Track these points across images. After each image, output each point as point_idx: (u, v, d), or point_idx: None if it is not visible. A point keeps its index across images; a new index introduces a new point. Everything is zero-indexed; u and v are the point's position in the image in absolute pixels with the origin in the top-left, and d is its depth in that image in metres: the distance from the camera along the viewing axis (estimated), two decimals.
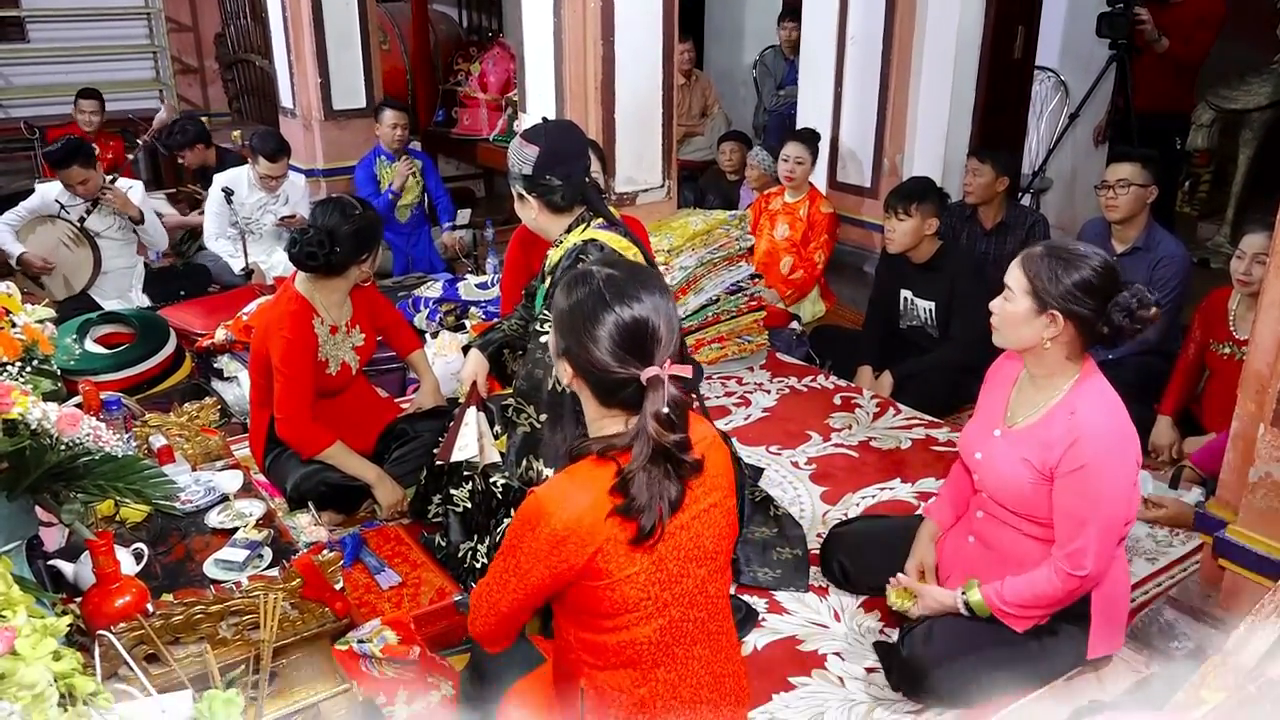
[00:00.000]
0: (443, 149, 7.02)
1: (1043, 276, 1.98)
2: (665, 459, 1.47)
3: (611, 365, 1.47)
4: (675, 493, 1.49)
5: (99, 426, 1.68)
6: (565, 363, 1.54)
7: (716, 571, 1.63)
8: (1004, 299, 2.07)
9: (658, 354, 1.47)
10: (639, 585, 1.51)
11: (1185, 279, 3.45)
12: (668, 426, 1.44)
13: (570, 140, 2.51)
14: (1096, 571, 2.01)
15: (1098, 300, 1.96)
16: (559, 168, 2.42)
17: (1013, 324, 2.05)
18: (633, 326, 1.47)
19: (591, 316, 1.48)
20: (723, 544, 1.62)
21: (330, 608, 1.90)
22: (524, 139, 2.46)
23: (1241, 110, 5.43)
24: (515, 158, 2.45)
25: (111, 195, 4.38)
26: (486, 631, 1.62)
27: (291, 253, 2.72)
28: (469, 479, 2.60)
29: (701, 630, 1.63)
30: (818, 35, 5.00)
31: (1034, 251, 2.04)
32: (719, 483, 1.60)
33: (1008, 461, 2.11)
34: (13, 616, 1.19)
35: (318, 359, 2.79)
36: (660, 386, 1.44)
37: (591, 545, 1.47)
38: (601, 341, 1.47)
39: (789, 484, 3.18)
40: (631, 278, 1.53)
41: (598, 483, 1.48)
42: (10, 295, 1.80)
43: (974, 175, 4.06)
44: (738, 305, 4.09)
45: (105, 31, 8.13)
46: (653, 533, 1.47)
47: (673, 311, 1.52)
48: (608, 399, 1.53)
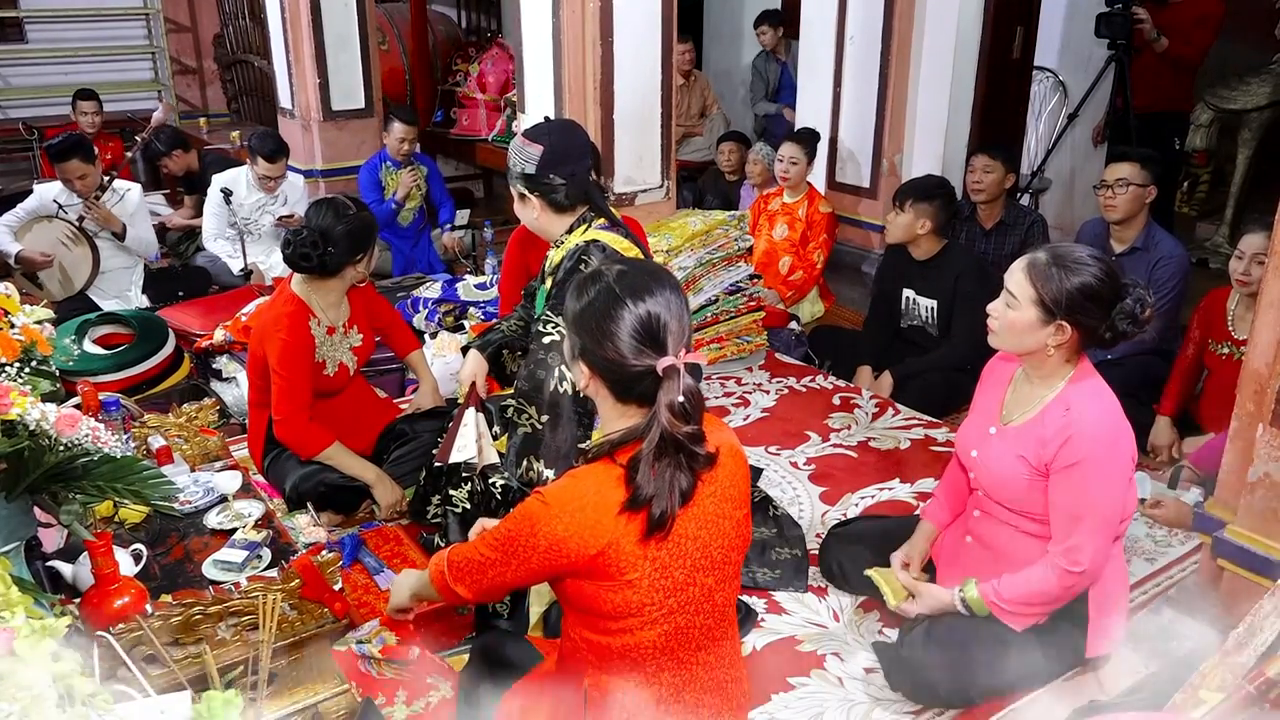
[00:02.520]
0: (441, 149, 7.02)
1: (1051, 287, 1.97)
2: (677, 449, 1.48)
3: (628, 358, 1.48)
4: (686, 484, 1.50)
5: (98, 427, 1.68)
6: (582, 364, 1.56)
7: (724, 581, 1.62)
8: (1006, 305, 2.06)
9: (671, 345, 1.49)
10: (643, 590, 1.51)
11: (1184, 279, 3.45)
12: (681, 417, 1.46)
13: (573, 139, 2.51)
14: (1093, 568, 2.01)
15: (1104, 308, 1.96)
16: (562, 167, 2.41)
17: (1016, 331, 2.04)
18: (647, 320, 1.49)
19: (606, 314, 1.50)
20: (732, 554, 1.61)
21: (329, 608, 1.90)
22: (526, 138, 2.45)
23: (1240, 110, 5.42)
24: (517, 157, 2.44)
25: (96, 211, 4.36)
26: (465, 593, 1.66)
27: (286, 253, 2.72)
28: (468, 480, 2.60)
29: (707, 636, 1.63)
30: (817, 35, 5.00)
31: (1039, 259, 2.01)
32: (732, 493, 1.60)
33: (1003, 459, 2.11)
34: (11, 617, 1.18)
35: (315, 360, 2.79)
36: (676, 376, 1.46)
37: (594, 545, 1.47)
38: (617, 336, 1.48)
39: (788, 484, 3.18)
40: (642, 274, 1.56)
41: (606, 480, 1.49)
42: (9, 296, 1.80)
43: (984, 172, 4.02)
44: (737, 305, 4.10)
45: (104, 32, 8.13)
46: (664, 522, 1.47)
47: (683, 304, 1.54)
48: (625, 395, 1.54)
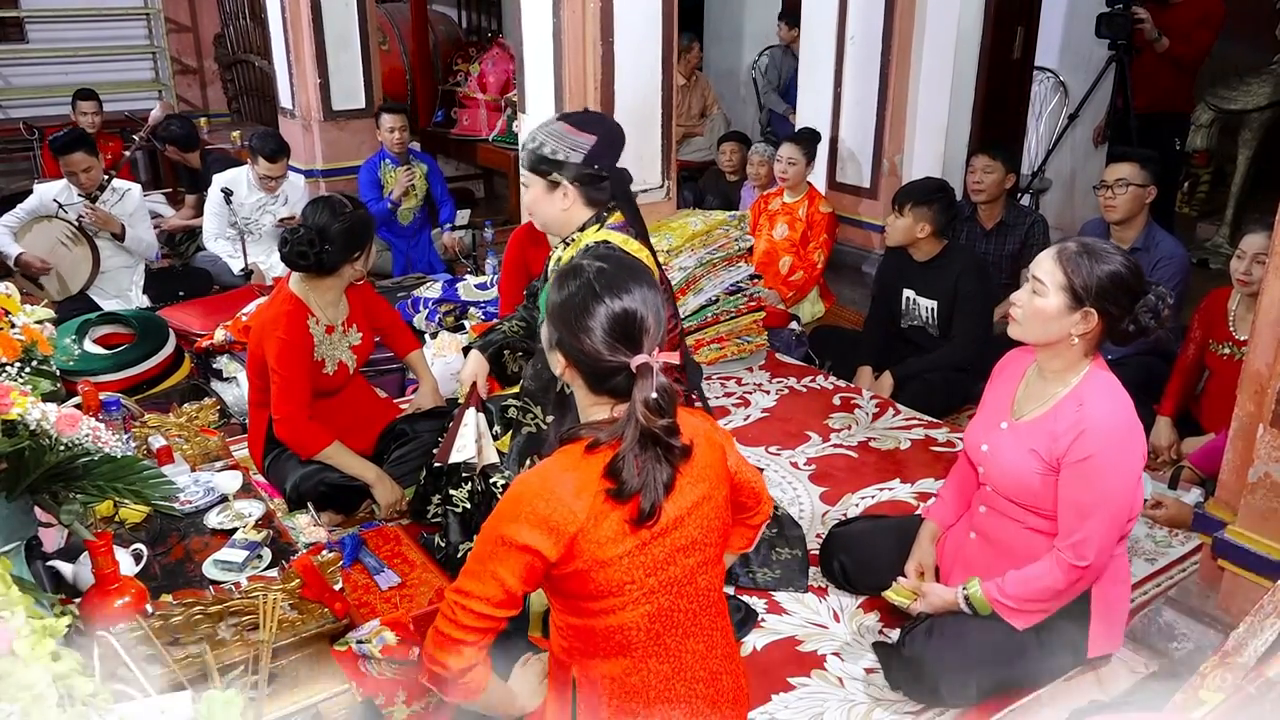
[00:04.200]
0: (442, 149, 7.02)
1: (1082, 273, 1.97)
2: (654, 443, 1.52)
3: (603, 354, 1.52)
4: (667, 476, 1.54)
5: (98, 427, 1.68)
6: (558, 353, 1.60)
7: (706, 563, 1.64)
8: (1033, 292, 2.05)
9: (646, 343, 1.53)
10: (623, 568, 1.54)
11: (1184, 279, 3.45)
12: (656, 412, 1.50)
13: (620, 135, 2.44)
14: (1098, 564, 2.02)
15: (1129, 299, 1.97)
16: (609, 158, 2.35)
17: (1042, 319, 2.03)
18: (622, 317, 1.52)
19: (583, 308, 1.53)
20: (712, 535, 1.64)
21: (329, 608, 1.90)
22: (574, 126, 2.35)
23: (1241, 111, 5.42)
24: (558, 144, 2.32)
25: (94, 215, 4.38)
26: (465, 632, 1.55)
27: (283, 252, 2.72)
28: (468, 479, 2.60)
29: (694, 623, 1.65)
30: (817, 35, 5.00)
31: (1069, 248, 2.02)
32: (707, 474, 1.63)
33: (1015, 454, 2.11)
34: (12, 617, 1.18)
35: (314, 359, 2.79)
36: (649, 374, 1.50)
37: (574, 522, 1.50)
38: (593, 331, 1.52)
39: (788, 484, 3.18)
40: (621, 271, 1.59)
41: (586, 469, 1.52)
42: (9, 296, 1.80)
43: (985, 172, 4.03)
44: (737, 305, 4.10)
45: (104, 32, 8.12)
46: (654, 513, 1.52)
47: (660, 304, 1.58)
48: (598, 386, 1.58)
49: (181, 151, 5.67)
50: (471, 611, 1.52)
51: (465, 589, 1.54)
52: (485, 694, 1.60)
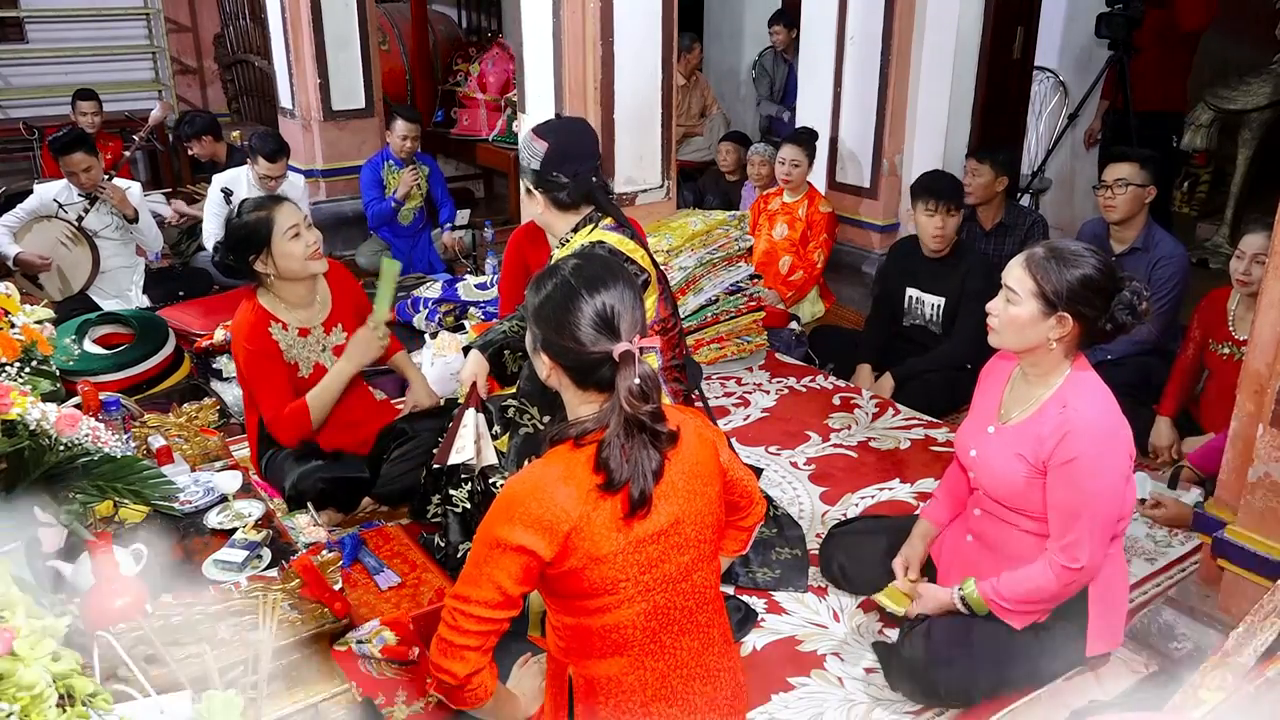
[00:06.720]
0: (442, 149, 7.01)
1: (1051, 279, 1.97)
2: (640, 429, 1.54)
3: (587, 345, 1.55)
4: (655, 463, 1.56)
5: (98, 427, 1.69)
6: (544, 355, 1.62)
7: (701, 560, 1.65)
8: (1007, 301, 2.06)
9: (625, 331, 1.56)
10: (617, 565, 1.54)
11: (1184, 279, 3.45)
12: (640, 398, 1.52)
13: (580, 140, 2.50)
14: (1091, 565, 2.02)
15: (1103, 299, 1.97)
16: (566, 165, 2.42)
17: (1017, 326, 2.04)
18: (602, 310, 1.55)
19: (564, 305, 1.56)
20: (705, 532, 1.65)
21: (329, 608, 1.90)
22: (535, 134, 2.46)
23: (1240, 110, 5.42)
24: (525, 152, 2.47)
25: (110, 190, 4.40)
26: (466, 638, 1.58)
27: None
28: (468, 480, 2.60)
29: (690, 620, 1.65)
30: (817, 35, 4.99)
31: (1037, 254, 2.02)
32: (700, 469, 1.64)
33: (1002, 457, 2.11)
34: (12, 617, 1.18)
35: (286, 362, 2.80)
36: (631, 361, 1.53)
37: (568, 521, 1.51)
38: (576, 325, 1.55)
39: (788, 484, 3.18)
40: (597, 267, 1.62)
41: (575, 465, 1.54)
42: (9, 296, 1.80)
43: (973, 176, 4.05)
44: (737, 305, 4.10)
45: (104, 32, 8.12)
46: (644, 501, 1.53)
47: (637, 298, 1.61)
48: (585, 382, 1.60)
49: (215, 140, 5.66)
50: (472, 616, 1.55)
51: (464, 594, 1.56)
52: (492, 700, 1.62)
